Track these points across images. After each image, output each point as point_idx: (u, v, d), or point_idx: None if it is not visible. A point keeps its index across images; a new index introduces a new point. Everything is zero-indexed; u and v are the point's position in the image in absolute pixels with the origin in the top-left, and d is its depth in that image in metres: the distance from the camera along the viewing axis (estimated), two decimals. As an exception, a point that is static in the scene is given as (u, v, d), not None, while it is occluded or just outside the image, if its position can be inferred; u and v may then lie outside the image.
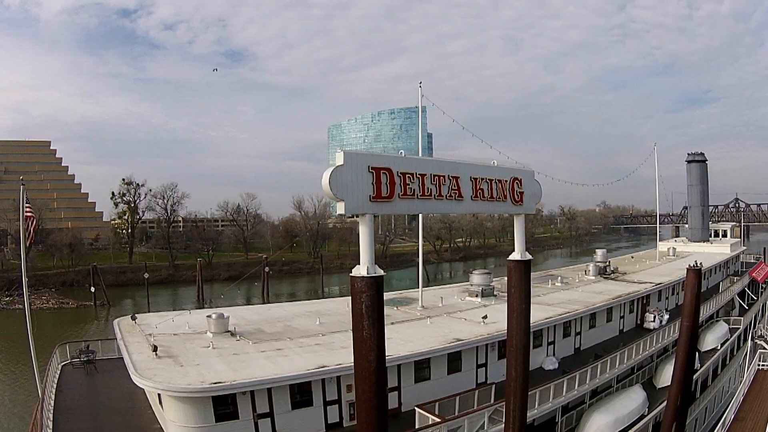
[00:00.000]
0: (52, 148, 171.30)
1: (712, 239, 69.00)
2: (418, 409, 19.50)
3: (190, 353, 20.59)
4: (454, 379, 23.45)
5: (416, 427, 19.01)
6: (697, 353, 33.18)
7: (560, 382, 23.89)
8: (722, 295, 47.71)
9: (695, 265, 28.01)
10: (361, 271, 11.57)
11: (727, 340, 41.10)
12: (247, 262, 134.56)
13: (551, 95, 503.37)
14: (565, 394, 24.02)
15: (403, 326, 25.83)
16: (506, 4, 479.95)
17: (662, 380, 31.98)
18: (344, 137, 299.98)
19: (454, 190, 13.82)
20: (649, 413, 27.75)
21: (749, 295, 54.05)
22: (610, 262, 49.27)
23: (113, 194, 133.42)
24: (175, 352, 20.77)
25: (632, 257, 61.79)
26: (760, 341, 45.77)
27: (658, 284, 41.05)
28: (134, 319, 27.17)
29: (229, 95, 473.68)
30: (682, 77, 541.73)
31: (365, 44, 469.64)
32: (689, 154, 69.23)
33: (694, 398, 32.16)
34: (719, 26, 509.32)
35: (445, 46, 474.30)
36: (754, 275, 55.60)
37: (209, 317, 23.64)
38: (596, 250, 51.62)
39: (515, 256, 17.15)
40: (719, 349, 39.22)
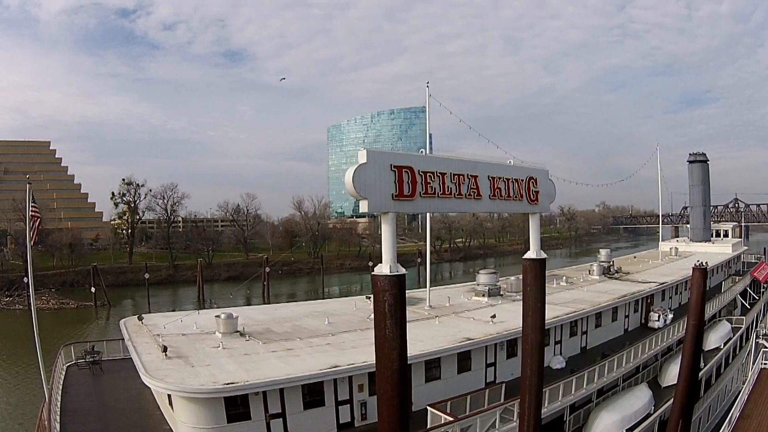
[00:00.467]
0: (51, 148, 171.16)
1: (713, 239, 69.17)
2: (430, 408, 19.42)
3: (200, 353, 20.50)
4: (463, 378, 23.44)
5: (428, 425, 18.94)
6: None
7: (569, 380, 23.90)
8: (725, 294, 47.79)
9: (700, 264, 28.11)
10: (383, 269, 11.50)
11: (729, 339, 41.23)
12: (247, 262, 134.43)
13: (551, 95, 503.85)
14: (574, 392, 24.04)
15: (412, 326, 25.37)
16: (506, 4, 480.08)
17: (667, 379, 32.06)
18: (344, 137, 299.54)
19: (473, 189, 13.80)
20: (654, 412, 27.79)
21: (751, 294, 54.17)
22: (613, 261, 49.33)
23: (113, 194, 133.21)
24: (184, 352, 20.68)
25: (635, 257, 61.86)
26: (762, 340, 45.87)
27: (661, 284, 41.16)
28: (141, 319, 27.16)
29: (228, 95, 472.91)
30: (681, 77, 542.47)
31: (365, 44, 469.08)
32: (691, 154, 69.30)
33: (698, 397, 32.22)
34: (719, 27, 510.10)
35: (444, 46, 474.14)
36: (755, 275, 55.66)
37: (218, 317, 23.54)
38: (600, 250, 51.66)
39: (531, 254, 17.14)
40: (722, 348, 39.32)
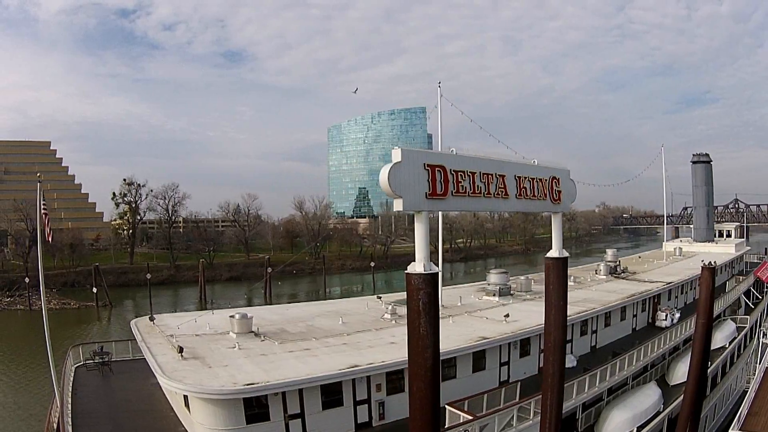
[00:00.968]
0: (52, 148, 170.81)
1: (716, 239, 69.33)
2: (448, 407, 19.37)
3: (216, 354, 20.37)
4: (478, 377, 23.47)
5: (446, 424, 18.91)
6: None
7: (583, 379, 24.00)
8: (729, 294, 47.94)
9: (709, 263, 28.24)
10: (416, 268, 11.46)
11: (735, 338, 41.40)
12: (248, 262, 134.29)
13: (550, 96, 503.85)
14: (587, 390, 24.17)
15: None
16: (505, 4, 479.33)
17: (675, 377, 32.28)
18: (344, 138, 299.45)
19: (500, 188, 13.82)
20: (663, 410, 27.96)
21: (754, 294, 54.37)
22: (620, 261, 49.42)
23: (114, 194, 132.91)
24: (200, 353, 20.53)
25: (640, 257, 61.92)
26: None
27: (668, 283, 41.31)
28: (152, 320, 27.04)
29: (227, 96, 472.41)
30: (681, 78, 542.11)
31: (364, 45, 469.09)
32: (694, 155, 69.47)
33: (704, 395, 32.34)
34: (718, 27, 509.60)
35: (443, 47, 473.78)
36: (759, 275, 55.80)
37: (232, 317, 23.42)
38: (606, 250, 51.86)
39: (553, 253, 17.16)
40: (728, 347, 39.45)
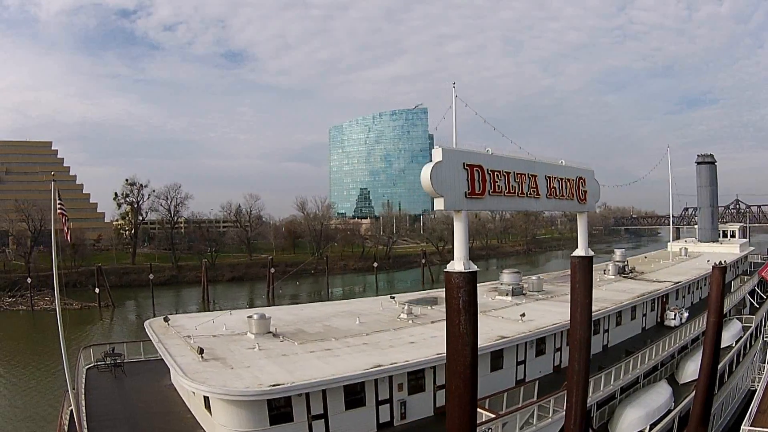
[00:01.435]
0: (53, 148, 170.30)
1: (721, 240, 69.44)
2: None
3: (236, 355, 20.21)
4: (496, 376, 23.44)
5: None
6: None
7: (598, 377, 24.06)
8: (735, 294, 48.09)
9: (720, 263, 28.32)
10: (456, 266, 11.47)
11: (741, 337, 41.56)
12: (250, 263, 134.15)
13: (551, 97, 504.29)
14: (602, 388, 24.23)
15: (444, 324, 25.63)
16: (506, 5, 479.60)
17: (685, 376, 32.39)
18: (345, 138, 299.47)
19: (533, 187, 13.87)
20: (674, 408, 28.07)
21: (759, 294, 54.54)
22: (628, 261, 49.49)
23: (116, 195, 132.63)
24: (220, 354, 20.36)
25: (646, 257, 62.02)
26: None
27: (676, 283, 41.41)
28: (167, 320, 26.74)
29: (228, 96, 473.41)
30: (681, 79, 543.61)
31: (364, 45, 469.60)
32: (699, 155, 69.46)
33: (715, 392, 32.51)
34: (719, 28, 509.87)
35: (444, 47, 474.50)
36: (763, 275, 55.94)
37: (250, 318, 23.31)
38: (615, 250, 51.92)
39: (579, 252, 17.19)
40: (734, 346, 39.58)
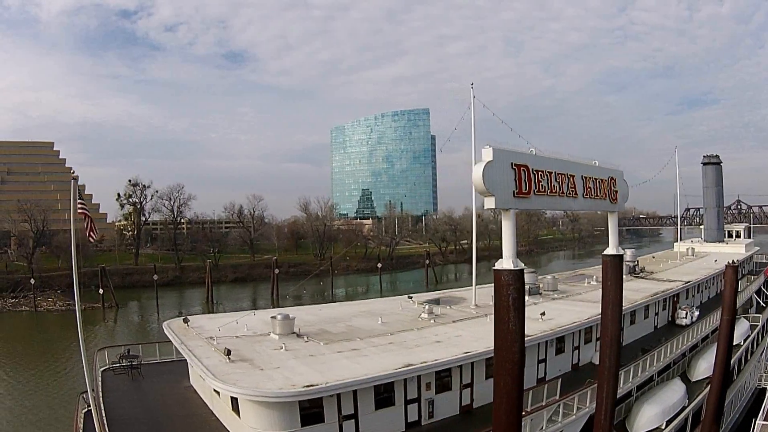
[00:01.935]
0: (55, 149, 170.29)
1: (726, 240, 69.70)
2: None
3: (263, 356, 20.03)
4: None
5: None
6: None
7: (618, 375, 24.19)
8: (742, 293, 48.37)
9: (732, 262, 28.56)
10: (504, 264, 11.55)
11: (749, 336, 41.86)
12: (254, 263, 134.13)
13: (552, 97, 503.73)
14: (621, 386, 24.29)
15: (466, 324, 25.88)
16: (506, 5, 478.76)
17: (697, 374, 32.67)
18: (347, 139, 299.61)
19: (571, 187, 13.98)
20: (688, 405, 28.40)
21: (764, 293, 54.86)
22: (638, 261, 49.67)
23: (119, 195, 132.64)
24: (246, 355, 20.12)
25: (654, 257, 62.18)
26: None
27: (686, 282, 41.60)
28: (186, 321, 26.39)
29: (229, 97, 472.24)
30: (682, 79, 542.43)
31: (365, 46, 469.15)
32: (705, 156, 69.74)
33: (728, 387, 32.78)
34: (720, 28, 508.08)
35: (445, 48, 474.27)
36: (769, 274, 56.26)
37: (274, 318, 23.22)
38: (626, 250, 52.07)
39: (610, 250, 17.40)
40: (742, 344, 39.85)
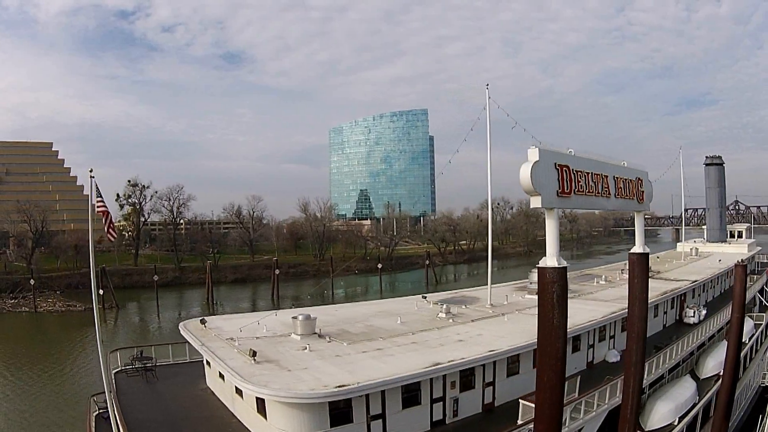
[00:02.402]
0: (54, 149, 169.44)
1: (728, 240, 70.27)
2: (522, 401, 19.80)
3: (287, 357, 19.91)
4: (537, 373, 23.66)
5: (519, 417, 19.35)
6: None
7: None
8: (746, 292, 48.85)
9: (741, 261, 28.90)
10: (548, 262, 11.73)
11: (753, 334, 42.33)
12: (253, 264, 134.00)
13: (550, 98, 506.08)
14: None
15: (485, 323, 26.10)
16: (505, 6, 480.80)
17: (706, 371, 32.98)
18: (345, 140, 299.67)
19: (605, 187, 14.15)
20: (699, 401, 28.72)
21: (767, 292, 55.38)
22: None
23: (118, 196, 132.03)
24: (270, 356, 19.95)
25: (658, 257, 62.59)
26: None
27: (694, 281, 41.99)
28: (204, 322, 26.06)
29: (227, 98, 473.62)
30: (680, 80, 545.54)
31: (363, 47, 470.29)
32: (707, 157, 70.23)
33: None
34: (718, 29, 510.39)
35: (443, 48, 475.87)
36: (772, 274, 56.74)
37: (295, 319, 23.19)
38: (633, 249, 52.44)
39: (637, 249, 17.73)
40: (747, 343, 40.30)
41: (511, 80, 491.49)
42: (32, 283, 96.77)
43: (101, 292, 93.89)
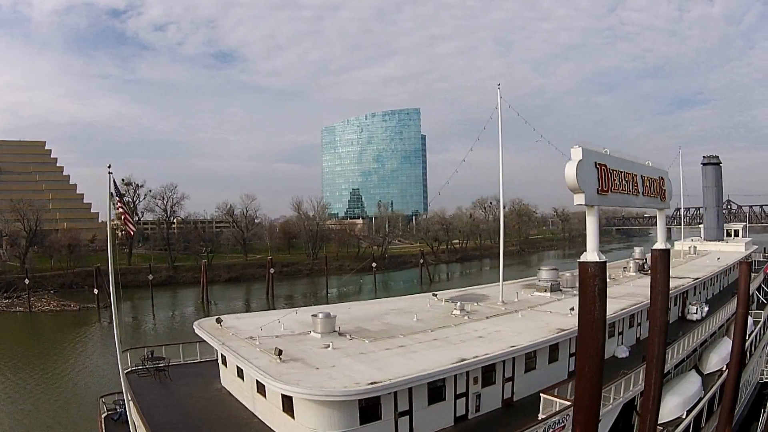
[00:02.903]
0: (47, 148, 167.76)
1: (725, 238, 71.37)
2: (543, 395, 20.16)
3: (312, 355, 19.88)
4: (552, 368, 24.05)
5: (540, 412, 19.63)
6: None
7: (643, 367, 24.86)
8: (745, 289, 49.66)
9: (746, 258, 29.46)
10: (589, 257, 12.08)
11: (752, 332, 43.04)
12: (247, 263, 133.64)
13: (542, 97, 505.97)
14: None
15: (501, 320, 26.44)
16: (497, 5, 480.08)
17: (709, 366, 33.64)
18: (337, 139, 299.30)
19: (635, 186, 14.51)
20: (704, 396, 29.25)
21: (764, 290, 56.34)
22: (647, 258, 50.86)
23: (112, 195, 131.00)
24: (294, 354, 19.87)
25: (656, 256, 63.54)
26: None
27: (695, 279, 42.68)
28: (219, 322, 25.75)
29: (218, 97, 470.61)
30: (672, 79, 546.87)
31: (355, 46, 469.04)
32: (705, 156, 71.38)
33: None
34: (710, 28, 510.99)
35: (435, 48, 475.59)
36: (769, 272, 57.69)
37: (315, 317, 23.21)
38: (635, 248, 53.55)
39: (659, 245, 18.16)
40: (747, 339, 40.98)
41: (502, 79, 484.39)
42: (27, 282, 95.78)
43: (96, 291, 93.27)
